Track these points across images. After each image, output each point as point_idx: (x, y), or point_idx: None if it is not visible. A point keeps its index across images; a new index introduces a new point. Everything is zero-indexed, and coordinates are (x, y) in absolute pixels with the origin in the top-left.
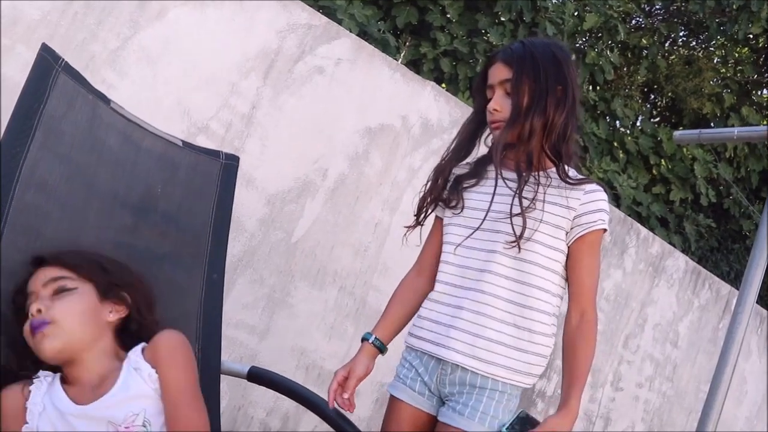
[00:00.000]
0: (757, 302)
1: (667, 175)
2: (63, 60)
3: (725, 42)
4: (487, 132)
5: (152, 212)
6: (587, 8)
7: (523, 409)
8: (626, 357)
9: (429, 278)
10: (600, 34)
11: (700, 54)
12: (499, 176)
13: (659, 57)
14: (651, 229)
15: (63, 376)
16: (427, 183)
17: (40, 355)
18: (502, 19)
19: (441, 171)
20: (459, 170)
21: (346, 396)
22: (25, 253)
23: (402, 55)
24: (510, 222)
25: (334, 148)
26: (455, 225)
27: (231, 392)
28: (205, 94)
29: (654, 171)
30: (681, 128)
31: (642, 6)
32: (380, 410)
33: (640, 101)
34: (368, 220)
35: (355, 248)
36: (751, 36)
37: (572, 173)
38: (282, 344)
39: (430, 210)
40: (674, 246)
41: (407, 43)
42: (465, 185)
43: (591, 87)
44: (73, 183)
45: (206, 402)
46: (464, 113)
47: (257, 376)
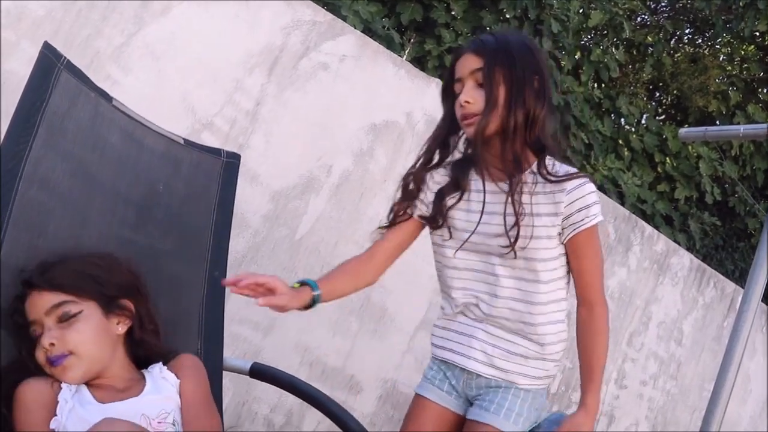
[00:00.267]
0: (763, 301)
1: (672, 173)
2: (65, 58)
3: (731, 39)
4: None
5: (154, 210)
6: (592, 5)
7: (559, 412)
8: (630, 355)
9: (375, 270)
10: (605, 32)
11: (706, 51)
12: (485, 191)
13: (665, 54)
14: (656, 227)
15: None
16: (398, 190)
17: (64, 382)
18: (507, 16)
19: (414, 178)
20: (439, 177)
21: (248, 282)
22: (29, 250)
23: (406, 52)
24: (506, 235)
25: (339, 145)
26: (448, 248)
27: (235, 388)
28: (210, 91)
29: (659, 169)
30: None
31: (647, 3)
32: (383, 407)
33: (645, 99)
34: (372, 217)
35: (359, 245)
36: (758, 33)
37: (556, 167)
38: (286, 340)
39: (404, 218)
40: (679, 244)
41: (412, 40)
42: (449, 203)
43: (596, 84)
44: (76, 180)
45: None
46: None
47: (259, 373)
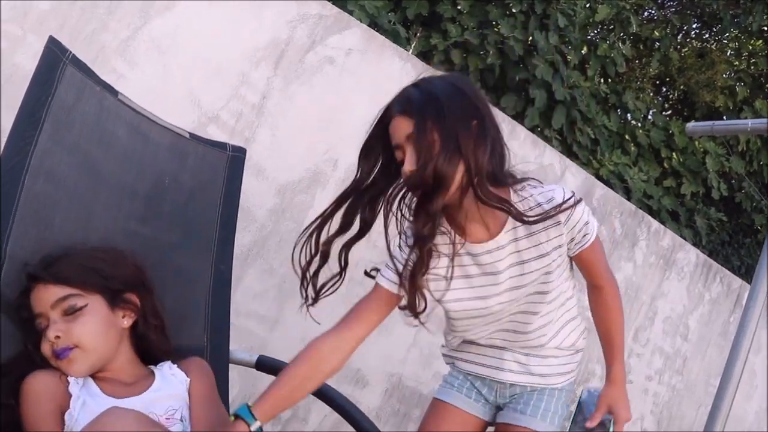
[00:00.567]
0: None
1: (679, 169)
2: (70, 52)
3: (739, 34)
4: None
5: (160, 203)
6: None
7: (589, 390)
8: (636, 350)
9: (344, 358)
10: (612, 26)
11: (713, 46)
12: (482, 272)
13: (672, 49)
14: (662, 223)
15: (93, 375)
16: (318, 259)
17: (69, 375)
18: (513, 11)
19: (324, 252)
20: (397, 254)
21: None
22: (35, 243)
23: (412, 47)
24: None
25: (345, 139)
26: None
27: (241, 381)
28: (216, 84)
29: (665, 164)
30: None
31: None
32: (389, 400)
33: (652, 94)
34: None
35: (365, 239)
36: (766, 28)
37: (533, 197)
38: (292, 334)
39: (328, 293)
40: (685, 240)
41: (417, 35)
42: (434, 290)
43: (602, 79)
44: (82, 174)
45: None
46: None
47: (266, 366)
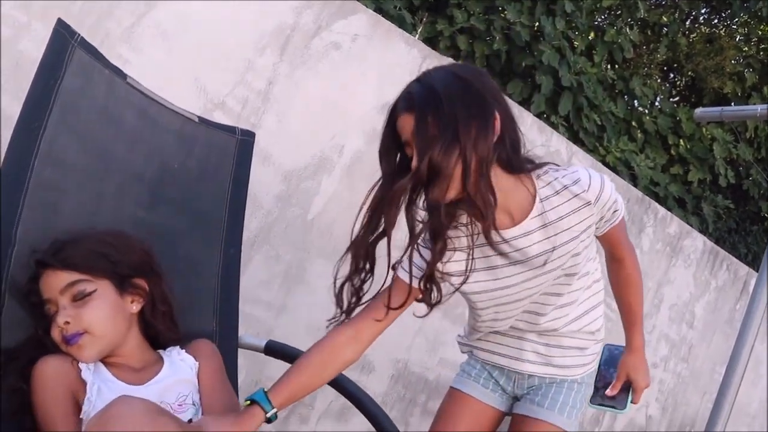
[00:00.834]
0: None
1: (686, 156)
2: (79, 35)
3: (748, 19)
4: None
5: (169, 187)
6: None
7: (609, 349)
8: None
9: (360, 350)
10: (619, 12)
11: (722, 32)
12: (509, 261)
13: (680, 35)
14: (668, 210)
15: (103, 360)
16: (352, 266)
17: (80, 360)
18: None
19: (363, 253)
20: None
21: None
22: (43, 228)
23: (418, 32)
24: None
25: (351, 125)
26: (474, 301)
27: (249, 367)
28: (221, 71)
29: (672, 151)
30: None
31: None
32: (395, 386)
33: (660, 80)
34: None
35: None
36: None
37: (558, 179)
38: (298, 320)
39: (359, 303)
40: (691, 227)
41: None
42: (457, 283)
43: (609, 65)
44: (90, 158)
45: None
46: None
47: (274, 350)
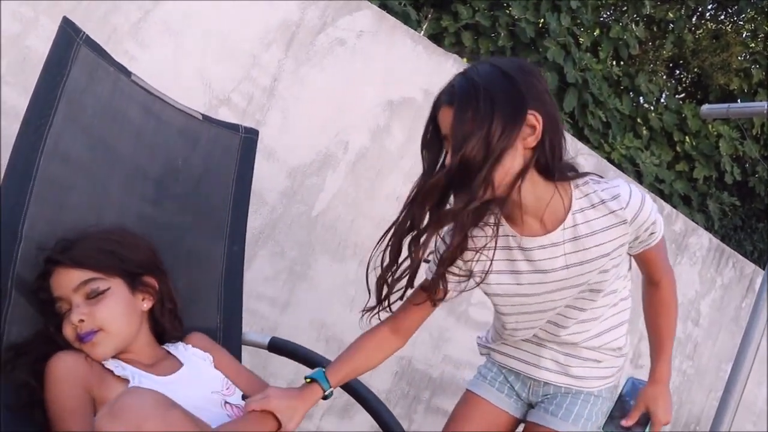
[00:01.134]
0: None
1: (691, 152)
2: (84, 33)
3: (755, 15)
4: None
5: (173, 184)
6: None
7: (632, 382)
8: (647, 334)
9: (402, 339)
10: (625, 7)
11: (729, 28)
12: (533, 269)
13: (686, 31)
14: (674, 207)
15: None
16: (392, 251)
17: (93, 358)
18: None
19: (396, 245)
20: (440, 243)
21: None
22: (49, 224)
23: (423, 29)
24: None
25: (356, 121)
26: (499, 305)
27: (252, 364)
28: (227, 67)
29: (678, 148)
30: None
31: None
32: (398, 383)
33: (665, 77)
34: (389, 194)
35: (376, 221)
36: None
37: (597, 193)
38: (303, 317)
39: (399, 295)
40: (697, 224)
41: (428, 17)
42: (481, 283)
43: (615, 62)
44: (96, 155)
45: None
46: None
47: (278, 347)
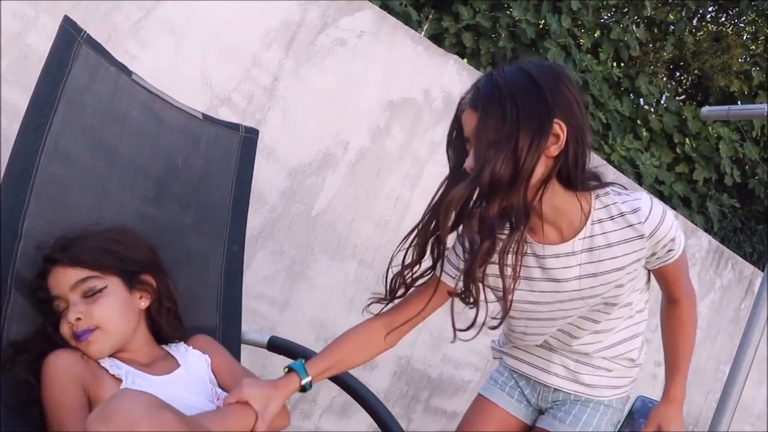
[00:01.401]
0: None
1: (691, 154)
2: (85, 32)
3: (756, 18)
4: None
5: (173, 184)
6: None
7: (643, 400)
8: (645, 335)
9: (395, 338)
10: (626, 9)
11: (729, 30)
12: (546, 277)
13: (686, 33)
14: (673, 209)
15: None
16: (415, 250)
17: (90, 356)
18: None
19: (420, 247)
20: (458, 246)
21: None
22: (49, 223)
23: (424, 30)
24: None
25: (356, 121)
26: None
27: (251, 363)
28: (228, 66)
29: (677, 150)
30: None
31: None
32: (398, 383)
33: (666, 78)
34: (389, 194)
35: (376, 222)
36: None
37: (617, 205)
38: (302, 316)
39: (412, 287)
40: (696, 226)
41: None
42: (493, 286)
43: (615, 63)
44: (96, 154)
45: None
46: None
47: (277, 346)
